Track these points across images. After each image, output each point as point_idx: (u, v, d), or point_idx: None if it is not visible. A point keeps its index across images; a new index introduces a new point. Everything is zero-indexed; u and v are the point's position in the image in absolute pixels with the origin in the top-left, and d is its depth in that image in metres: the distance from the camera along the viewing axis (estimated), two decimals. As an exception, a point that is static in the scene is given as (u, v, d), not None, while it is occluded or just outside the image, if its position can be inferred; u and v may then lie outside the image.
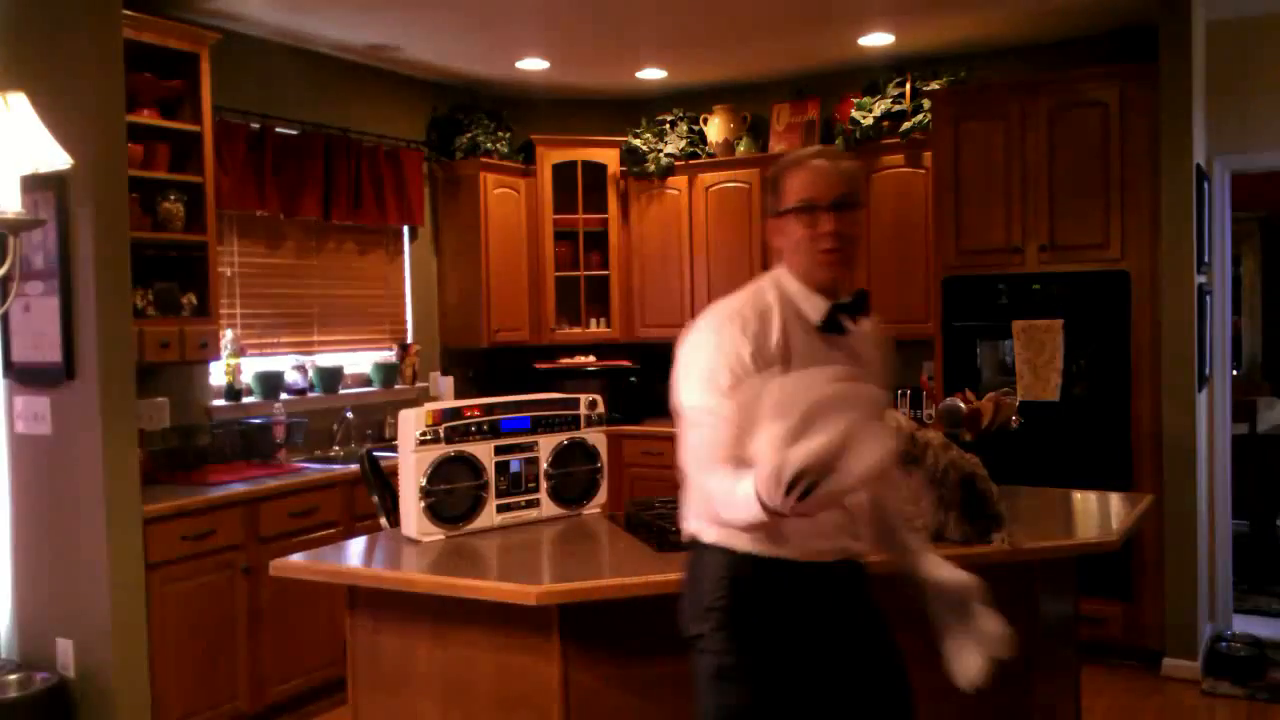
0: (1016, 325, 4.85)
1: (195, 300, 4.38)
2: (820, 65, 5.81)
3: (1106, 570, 4.56)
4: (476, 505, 3.09)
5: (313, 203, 5.16)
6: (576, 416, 3.30)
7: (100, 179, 3.68)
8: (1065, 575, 3.23)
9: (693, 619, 2.09)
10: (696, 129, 6.24)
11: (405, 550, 2.95)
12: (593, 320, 6.36)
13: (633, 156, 6.25)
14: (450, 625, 2.72)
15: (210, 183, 4.41)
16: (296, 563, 2.94)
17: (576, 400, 3.32)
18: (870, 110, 5.57)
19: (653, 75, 5.98)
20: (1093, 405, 4.77)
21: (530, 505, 3.20)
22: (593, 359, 6.31)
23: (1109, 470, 4.65)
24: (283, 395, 5.06)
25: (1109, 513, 3.30)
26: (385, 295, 5.80)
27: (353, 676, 2.93)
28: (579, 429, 3.30)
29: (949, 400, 3.47)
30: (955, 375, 4.99)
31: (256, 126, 4.93)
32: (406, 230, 5.89)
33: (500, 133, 6.08)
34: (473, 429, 3.08)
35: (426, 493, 2.98)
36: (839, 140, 5.66)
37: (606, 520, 3.28)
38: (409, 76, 5.85)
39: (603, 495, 3.37)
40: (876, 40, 5.31)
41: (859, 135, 5.55)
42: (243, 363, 4.88)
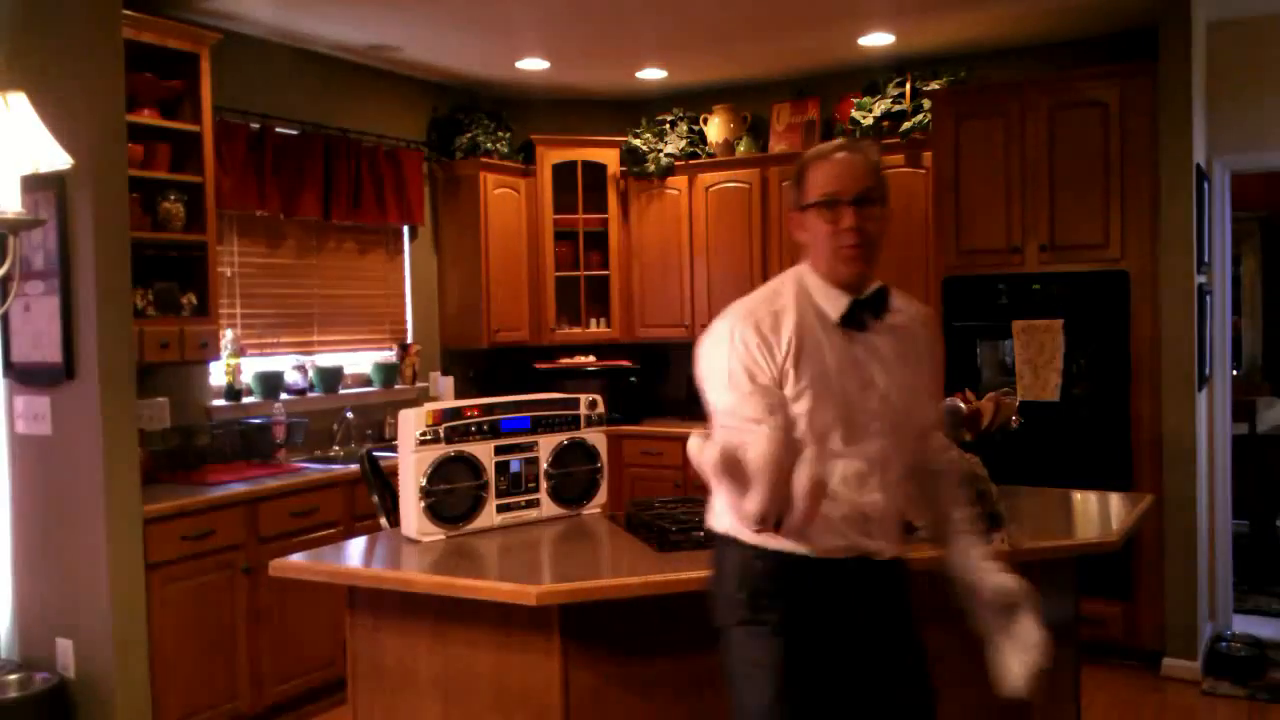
0: (1016, 325, 4.85)
1: (195, 300, 4.38)
2: (820, 65, 5.81)
3: (1107, 570, 4.56)
4: (476, 505, 3.09)
5: (313, 203, 5.16)
6: (576, 416, 3.30)
7: (100, 179, 3.68)
8: (1065, 575, 3.23)
9: (719, 611, 2.16)
10: (696, 129, 6.24)
11: (405, 550, 2.95)
12: (593, 320, 6.36)
13: (633, 156, 6.25)
14: (450, 625, 2.72)
15: (210, 183, 4.41)
16: (296, 563, 2.93)
17: (576, 400, 3.32)
18: (870, 110, 5.57)
19: (653, 75, 5.98)
20: (1093, 405, 4.77)
21: (530, 505, 3.20)
22: (593, 359, 6.31)
23: (1109, 470, 4.65)
24: (283, 395, 5.06)
25: (1109, 513, 3.30)
26: (385, 295, 5.80)
27: (353, 676, 2.93)
28: (579, 429, 3.30)
29: (949, 400, 3.45)
30: (955, 375, 4.98)
31: (256, 126, 4.93)
32: (406, 230, 5.89)
33: (500, 133, 6.08)
34: (473, 429, 3.08)
35: (426, 493, 2.98)
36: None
37: (606, 520, 3.28)
38: (409, 76, 5.85)
39: (603, 495, 3.37)
40: (876, 40, 5.31)
41: (859, 135, 5.55)
42: (243, 363, 4.88)
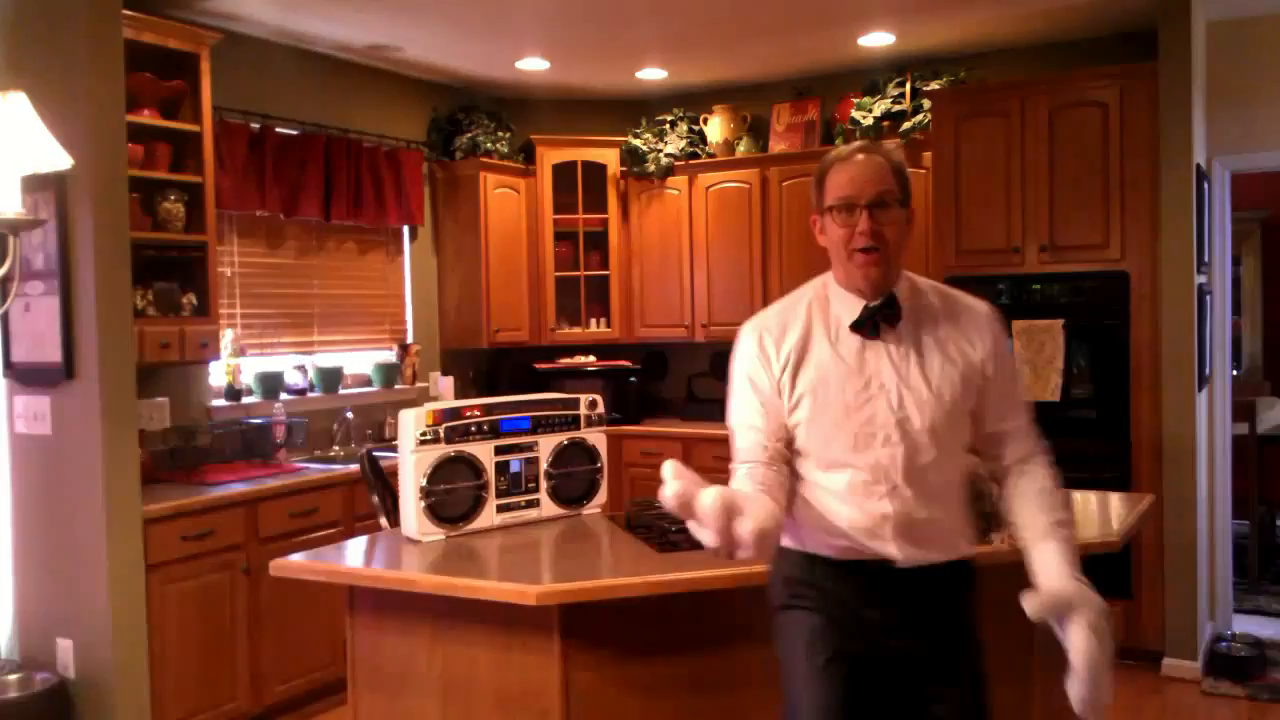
0: (1016, 325, 4.85)
1: (195, 300, 4.38)
2: (820, 65, 5.81)
3: (1107, 570, 4.52)
4: (476, 505, 3.09)
5: (313, 203, 5.15)
6: (576, 416, 3.30)
7: (100, 179, 3.68)
8: (1065, 575, 3.22)
9: (769, 597, 2.22)
10: (696, 129, 6.24)
11: (405, 550, 2.95)
12: (593, 320, 6.36)
13: (633, 156, 6.25)
14: (450, 625, 2.72)
15: (210, 183, 4.41)
16: (296, 563, 2.93)
17: (576, 400, 3.32)
18: (870, 110, 5.57)
19: (653, 75, 5.98)
20: (1093, 405, 4.77)
21: (530, 505, 3.20)
22: (593, 359, 6.31)
23: (1109, 470, 4.65)
24: (283, 395, 5.06)
25: (1109, 513, 3.30)
26: (385, 295, 5.80)
27: (353, 676, 2.93)
28: (579, 429, 3.30)
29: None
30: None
31: (256, 126, 4.93)
32: (406, 230, 5.89)
33: (500, 133, 6.08)
34: (473, 429, 3.08)
35: (426, 493, 2.98)
36: (839, 140, 5.66)
37: (606, 520, 3.28)
38: (409, 76, 5.85)
39: (603, 495, 3.37)
40: (876, 40, 5.31)
41: (859, 135, 5.55)
42: (243, 363, 4.89)
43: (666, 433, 5.89)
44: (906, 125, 5.44)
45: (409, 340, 5.91)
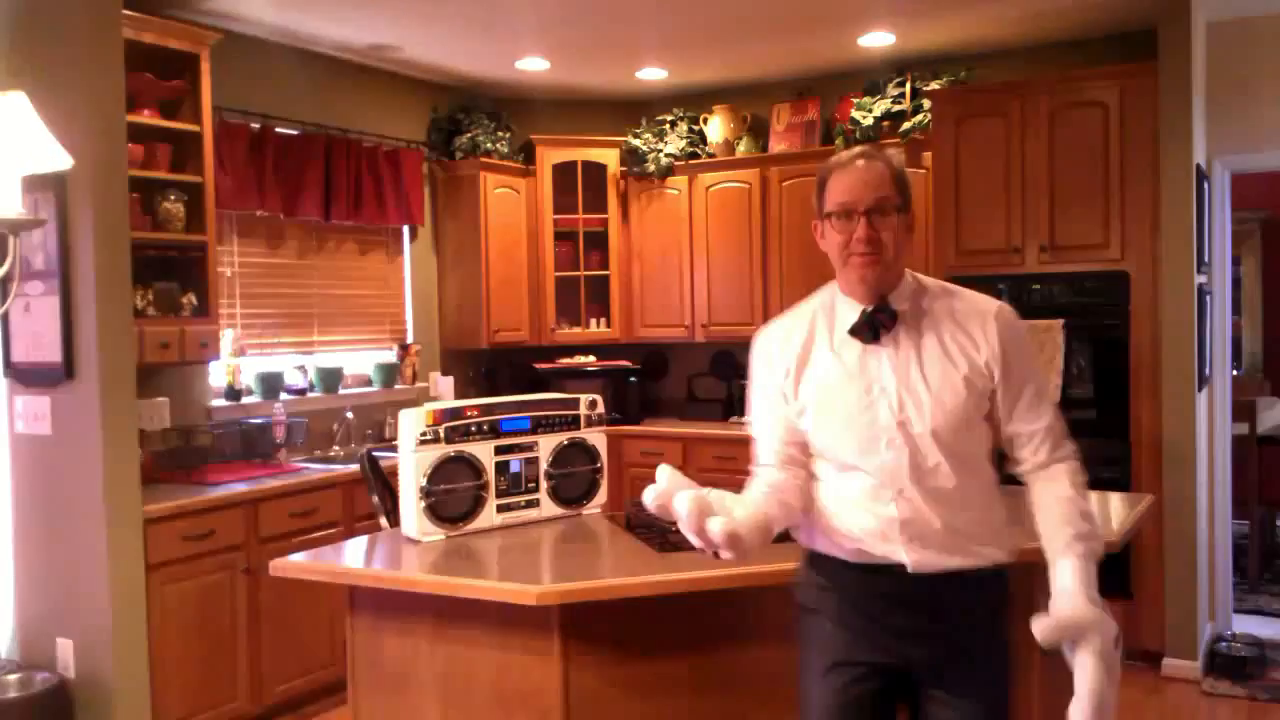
0: (1016, 325, 4.84)
1: (195, 300, 4.38)
2: (820, 65, 5.81)
3: (1107, 570, 4.48)
4: (476, 505, 3.09)
5: (313, 203, 5.15)
6: (576, 416, 3.30)
7: (100, 179, 3.68)
8: (1065, 575, 3.21)
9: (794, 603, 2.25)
10: (697, 129, 6.24)
11: (405, 550, 2.95)
12: (593, 320, 6.36)
13: (633, 156, 6.25)
14: (450, 625, 2.72)
15: (210, 183, 4.41)
16: (296, 563, 2.93)
17: (576, 400, 3.32)
18: (870, 110, 5.57)
19: (653, 75, 5.98)
20: (1093, 405, 4.77)
21: (530, 505, 3.20)
22: (593, 359, 6.31)
23: (1109, 470, 4.65)
24: (283, 395, 5.06)
25: (1109, 513, 3.30)
26: (385, 295, 5.80)
27: (353, 676, 2.93)
28: (579, 429, 3.30)
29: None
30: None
31: (256, 126, 4.93)
32: (406, 230, 5.89)
33: (500, 133, 6.08)
34: (473, 429, 3.08)
35: (426, 493, 2.98)
36: (839, 140, 5.66)
37: (606, 520, 3.28)
38: (409, 76, 5.85)
39: (603, 495, 3.37)
40: (876, 40, 5.31)
41: (859, 135, 5.55)
42: (243, 363, 4.89)
43: (666, 433, 5.89)
44: (906, 125, 5.44)
45: (409, 340, 5.91)
